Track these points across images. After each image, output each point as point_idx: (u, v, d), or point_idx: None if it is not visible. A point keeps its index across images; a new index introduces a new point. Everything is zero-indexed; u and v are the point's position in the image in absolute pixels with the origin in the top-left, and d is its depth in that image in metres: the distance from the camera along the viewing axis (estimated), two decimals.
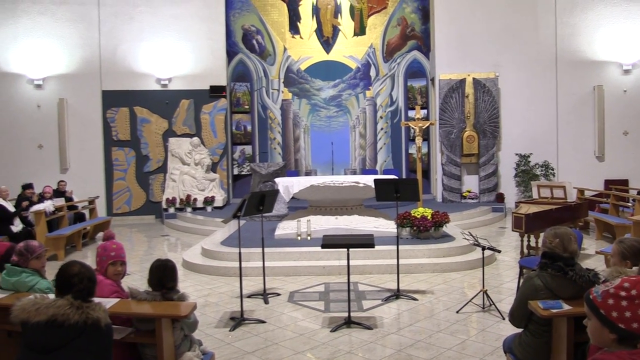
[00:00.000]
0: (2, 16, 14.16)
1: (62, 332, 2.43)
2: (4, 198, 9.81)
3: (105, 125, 14.70)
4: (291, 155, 16.21)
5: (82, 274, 2.66)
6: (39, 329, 2.45)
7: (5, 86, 14.24)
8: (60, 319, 2.43)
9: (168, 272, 3.64)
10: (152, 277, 3.63)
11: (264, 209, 6.12)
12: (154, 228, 13.29)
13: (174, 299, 3.56)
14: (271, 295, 6.47)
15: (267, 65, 16.04)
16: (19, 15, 14.23)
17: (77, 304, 2.50)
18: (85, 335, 2.46)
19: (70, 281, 2.62)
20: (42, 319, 2.45)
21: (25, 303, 2.52)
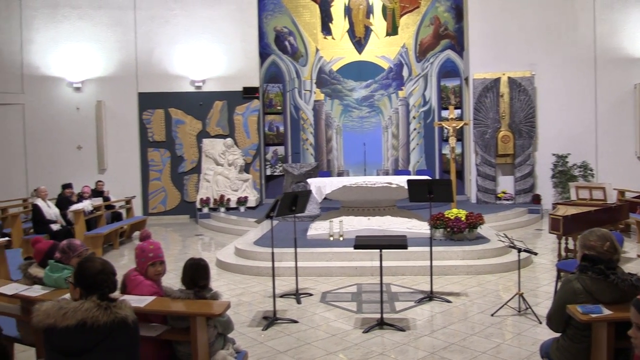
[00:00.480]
0: (43, 21, 14.62)
1: (92, 334, 2.44)
2: (43, 198, 10.11)
3: (141, 127, 15.01)
4: (323, 156, 16.23)
5: (106, 269, 2.64)
6: (68, 334, 2.43)
7: (46, 89, 14.68)
8: (90, 322, 2.43)
9: (200, 270, 3.68)
10: (185, 276, 3.68)
11: (297, 209, 6.13)
12: (188, 227, 13.49)
13: (207, 297, 3.60)
14: (303, 295, 6.48)
15: (299, 67, 16.10)
16: (59, 20, 14.66)
17: (104, 305, 2.49)
18: (114, 334, 2.48)
19: (95, 279, 2.59)
20: (70, 323, 2.42)
21: (49, 308, 2.48)
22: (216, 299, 3.61)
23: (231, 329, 3.73)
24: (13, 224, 9.86)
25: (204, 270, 3.69)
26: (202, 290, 3.62)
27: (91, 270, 2.61)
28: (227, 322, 3.65)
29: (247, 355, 3.95)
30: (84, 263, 2.70)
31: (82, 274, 2.62)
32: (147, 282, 3.70)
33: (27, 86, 14.59)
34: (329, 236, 8.65)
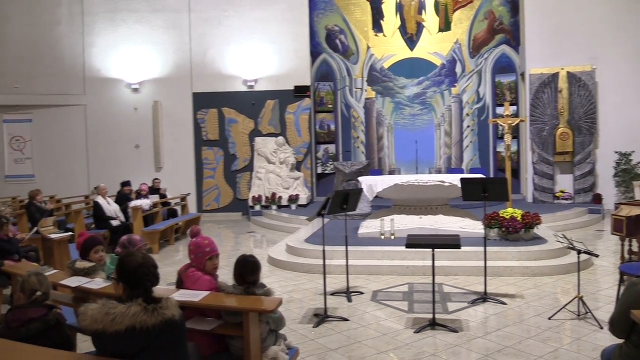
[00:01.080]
0: (104, 26, 15.21)
1: (142, 337, 2.46)
2: (103, 196, 10.51)
3: (196, 126, 15.39)
4: (375, 154, 16.14)
5: (147, 263, 2.65)
6: (119, 339, 2.45)
7: (106, 91, 15.28)
8: (139, 327, 2.44)
9: (248, 267, 3.70)
10: (235, 272, 3.74)
11: (348, 207, 6.12)
12: (240, 225, 13.73)
13: (257, 293, 3.63)
14: (354, 293, 6.47)
15: (350, 65, 16.07)
16: (118, 24, 15.22)
17: (150, 308, 2.48)
18: (163, 334, 2.51)
19: (138, 272, 2.59)
20: (120, 328, 2.43)
21: (95, 313, 2.47)
22: (269, 296, 3.65)
23: (283, 325, 3.75)
24: (76, 220, 10.33)
25: (252, 266, 3.71)
26: (253, 287, 3.66)
27: (132, 264, 2.62)
28: (279, 319, 3.68)
29: (298, 352, 3.98)
30: (124, 258, 2.71)
31: (124, 269, 2.63)
32: (207, 278, 3.78)
33: (88, 88, 15.24)
34: (380, 235, 8.59)
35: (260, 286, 3.70)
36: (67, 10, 15.20)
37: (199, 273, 3.78)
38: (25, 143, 15.28)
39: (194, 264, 3.85)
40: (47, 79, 15.05)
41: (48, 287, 3.37)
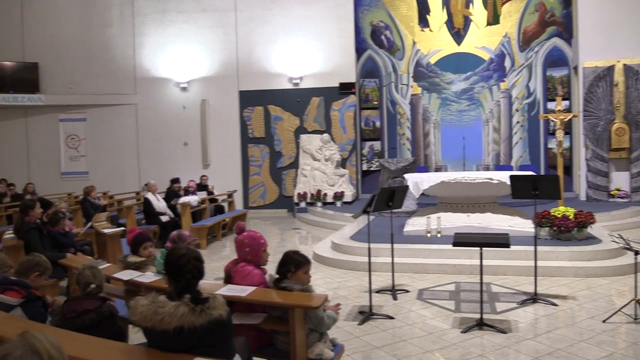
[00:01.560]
0: (153, 26, 15.61)
1: (190, 337, 2.50)
2: (153, 192, 10.81)
3: (242, 123, 15.60)
4: (420, 151, 15.95)
5: (189, 254, 2.70)
6: (167, 337, 2.51)
7: (155, 90, 15.69)
8: (187, 327, 2.48)
9: (283, 260, 3.74)
10: (279, 267, 3.76)
11: (394, 204, 6.07)
12: (286, 221, 13.84)
13: (295, 289, 3.61)
14: (400, 291, 6.42)
15: (395, 61, 15.92)
16: (166, 24, 15.59)
17: (198, 309, 2.51)
18: (211, 333, 2.55)
19: (179, 263, 2.65)
20: (168, 328, 2.48)
21: (144, 310, 2.53)
22: (308, 292, 3.64)
23: (323, 327, 3.62)
24: (127, 215, 10.68)
25: (286, 259, 3.72)
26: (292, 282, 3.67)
27: (174, 255, 2.70)
28: (320, 319, 3.62)
29: (343, 349, 3.98)
30: (169, 250, 2.79)
31: (167, 260, 2.73)
32: (257, 272, 3.82)
33: (139, 87, 15.69)
34: (426, 232, 8.48)
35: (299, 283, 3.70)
36: (118, 12, 15.68)
37: (249, 267, 3.81)
38: (80, 141, 15.88)
39: (249, 256, 3.86)
40: (100, 79, 15.59)
41: (101, 280, 3.48)
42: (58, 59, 15.51)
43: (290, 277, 3.64)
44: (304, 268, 3.69)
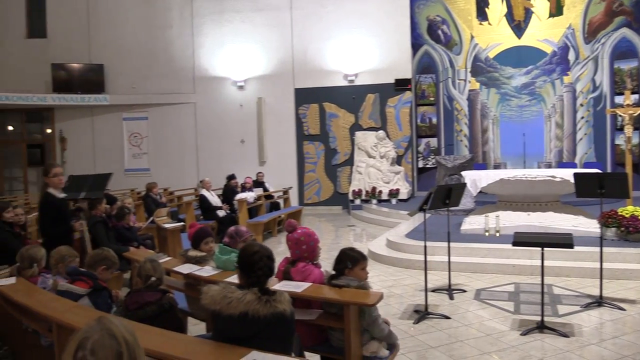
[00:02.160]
0: (211, 26, 15.97)
1: (252, 324, 2.60)
2: (207, 189, 11.07)
3: (298, 121, 15.73)
4: (478, 148, 15.58)
5: (262, 252, 2.80)
6: (232, 322, 2.62)
7: (213, 89, 16.06)
8: (251, 314, 2.58)
9: (345, 258, 3.73)
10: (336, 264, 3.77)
11: (451, 202, 5.95)
12: (340, 218, 13.85)
13: (352, 285, 3.60)
14: (456, 291, 6.29)
15: (453, 55, 15.61)
16: (223, 24, 15.91)
17: (264, 298, 2.62)
18: (272, 325, 2.62)
19: (251, 259, 2.76)
20: (234, 312, 2.60)
21: (215, 294, 2.67)
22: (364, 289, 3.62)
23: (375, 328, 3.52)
24: (187, 211, 10.98)
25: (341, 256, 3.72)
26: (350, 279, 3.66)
27: (248, 252, 2.82)
28: (374, 319, 3.57)
29: (398, 348, 3.94)
30: (244, 246, 2.94)
31: (240, 255, 2.86)
32: (318, 271, 3.85)
33: (198, 86, 16.11)
34: (485, 231, 8.28)
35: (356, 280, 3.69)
36: (178, 14, 16.14)
37: (310, 267, 3.84)
38: (142, 139, 16.47)
39: (305, 254, 3.88)
40: (160, 79, 16.10)
41: (161, 273, 3.60)
42: (122, 60, 16.13)
43: (348, 273, 3.64)
44: (361, 264, 3.69)
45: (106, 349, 1.39)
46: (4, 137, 16.98)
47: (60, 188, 5.12)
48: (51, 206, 5.00)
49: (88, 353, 1.38)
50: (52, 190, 5.02)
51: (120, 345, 1.42)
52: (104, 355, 1.38)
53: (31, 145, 17.16)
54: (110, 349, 1.40)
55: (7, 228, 5.85)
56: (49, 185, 5.01)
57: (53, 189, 5.02)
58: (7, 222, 5.89)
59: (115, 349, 1.40)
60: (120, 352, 1.41)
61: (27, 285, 4.03)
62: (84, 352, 1.38)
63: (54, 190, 5.03)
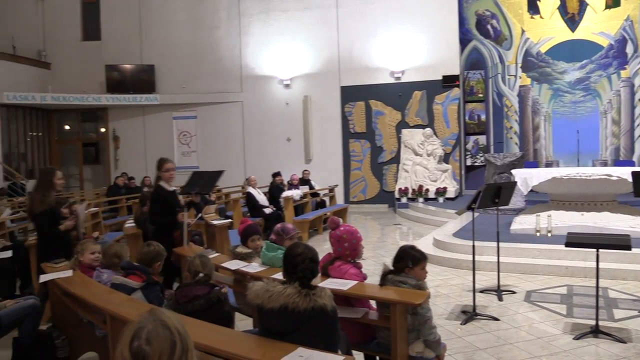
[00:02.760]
0: (257, 26, 16.15)
1: (293, 318, 2.63)
2: (253, 186, 11.20)
3: (344, 119, 15.72)
4: (529, 145, 15.16)
5: (305, 254, 2.83)
6: (273, 315, 2.68)
7: (259, 87, 16.24)
8: (291, 307, 2.62)
9: (406, 256, 3.70)
10: (395, 262, 3.73)
11: (500, 201, 5.82)
12: (386, 216, 13.76)
13: (411, 284, 3.58)
14: (506, 292, 6.14)
15: (502, 51, 15.23)
16: (270, 23, 16.06)
17: (304, 292, 2.66)
18: (313, 320, 2.64)
19: (293, 261, 2.80)
20: (274, 306, 2.65)
21: (258, 289, 2.75)
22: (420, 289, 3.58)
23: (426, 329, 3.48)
24: (234, 208, 11.16)
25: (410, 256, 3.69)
26: (409, 277, 3.63)
27: (292, 252, 2.87)
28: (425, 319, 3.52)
29: (445, 348, 3.88)
30: (290, 246, 2.98)
31: (285, 255, 2.91)
32: (353, 270, 3.83)
33: (245, 85, 16.34)
34: (535, 231, 8.05)
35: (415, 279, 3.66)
36: (225, 15, 16.40)
37: (346, 266, 3.83)
38: (191, 137, 16.84)
39: (347, 251, 3.88)
40: (209, 78, 16.42)
41: (210, 269, 3.66)
42: (171, 60, 16.54)
43: (408, 272, 3.64)
44: (421, 264, 3.70)
45: (160, 339, 1.44)
46: (62, 136, 17.71)
47: (171, 182, 5.53)
48: (160, 198, 5.40)
49: (143, 342, 1.42)
50: (163, 183, 5.45)
51: (174, 335, 1.46)
52: (158, 345, 1.43)
53: (86, 144, 17.85)
54: (165, 339, 1.44)
55: None
56: (161, 179, 5.42)
57: (164, 182, 5.44)
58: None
59: (169, 338, 1.45)
60: (174, 342, 1.45)
61: (84, 278, 4.19)
62: (139, 341, 1.43)
63: (164, 184, 5.45)
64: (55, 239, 5.10)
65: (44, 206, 5.04)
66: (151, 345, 1.42)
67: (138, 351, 1.42)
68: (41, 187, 5.12)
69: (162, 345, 1.43)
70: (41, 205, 5.04)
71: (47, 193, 5.07)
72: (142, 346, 1.42)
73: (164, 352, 1.43)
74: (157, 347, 1.43)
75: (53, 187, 5.12)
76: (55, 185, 5.15)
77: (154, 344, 1.43)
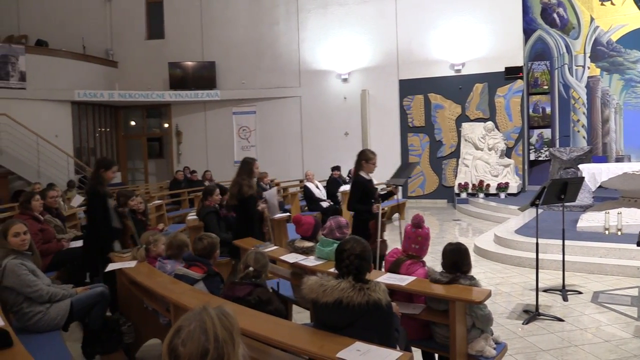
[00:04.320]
0: (315, 20, 16.19)
1: (348, 312, 2.64)
2: (311, 180, 11.27)
3: (402, 113, 15.54)
4: (598, 139, 14.47)
5: (351, 250, 2.82)
6: (327, 309, 2.70)
7: (317, 82, 16.29)
8: (345, 301, 2.63)
9: (462, 255, 3.63)
10: (446, 260, 3.66)
11: (566, 197, 5.59)
12: (445, 212, 13.53)
13: (464, 283, 3.52)
14: (571, 292, 5.90)
15: (569, 40, 14.59)
16: (328, 18, 16.07)
17: (358, 286, 2.67)
18: (368, 315, 2.63)
19: (340, 256, 2.84)
20: (329, 300, 2.67)
21: (312, 283, 2.77)
22: (477, 287, 3.51)
23: (488, 325, 3.51)
24: (292, 202, 11.28)
25: (465, 255, 3.63)
26: (462, 276, 3.56)
27: (340, 246, 2.89)
28: (486, 318, 3.45)
29: (506, 348, 3.77)
30: (341, 241, 2.99)
31: (337, 248, 2.93)
32: (422, 271, 3.81)
33: (303, 80, 16.43)
34: (604, 229, 7.69)
35: (470, 277, 3.58)
36: (284, 10, 16.54)
37: (416, 266, 3.83)
38: (250, 132, 17.13)
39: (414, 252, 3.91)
40: (267, 74, 16.63)
41: (263, 265, 3.64)
42: (232, 57, 16.86)
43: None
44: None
45: (194, 343, 1.41)
46: (128, 132, 18.44)
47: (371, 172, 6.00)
48: (359, 186, 5.82)
49: (180, 343, 1.41)
50: (363, 173, 5.93)
51: (209, 342, 1.41)
52: (190, 349, 1.40)
53: (150, 139, 18.51)
54: (198, 344, 1.41)
55: (131, 215, 6.36)
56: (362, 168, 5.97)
57: (363, 172, 5.94)
58: (131, 210, 6.41)
59: (202, 345, 1.41)
60: (207, 350, 1.41)
61: (149, 268, 4.36)
62: (178, 340, 1.41)
63: (364, 173, 5.93)
64: (255, 220, 6.03)
65: (251, 190, 5.94)
66: (185, 348, 1.40)
67: (173, 349, 1.41)
68: (245, 174, 6.00)
69: (193, 350, 1.40)
70: (249, 189, 5.92)
71: (249, 179, 5.98)
72: (177, 346, 1.41)
73: (193, 358, 1.39)
74: (188, 352, 1.39)
75: (253, 174, 6.04)
76: (254, 173, 6.07)
77: (187, 347, 1.40)
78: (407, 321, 3.55)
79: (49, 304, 3.92)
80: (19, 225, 4.09)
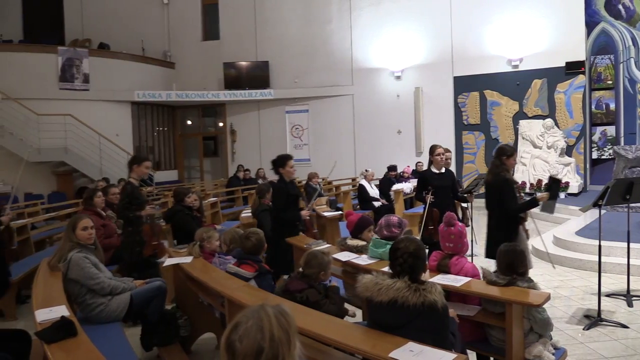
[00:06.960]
0: (368, 18, 16.11)
1: (403, 312, 2.61)
2: (369, 180, 11.22)
3: (456, 110, 15.25)
4: None
5: (405, 248, 2.80)
6: (382, 308, 2.68)
7: (370, 80, 16.22)
8: (400, 301, 2.61)
9: (517, 257, 3.53)
10: (501, 262, 3.57)
11: (632, 198, 5.33)
12: None
13: (521, 286, 3.41)
14: (636, 298, 5.62)
15: (636, 32, 13.91)
16: (381, 15, 15.95)
17: (414, 286, 2.64)
18: (423, 316, 2.60)
19: (394, 255, 2.82)
20: (384, 299, 2.66)
21: (367, 282, 2.77)
22: (534, 290, 3.40)
23: (548, 330, 3.40)
24: (344, 200, 11.28)
25: (520, 256, 3.54)
26: (520, 278, 3.46)
27: (394, 245, 2.89)
28: (545, 322, 3.34)
29: (566, 354, 3.63)
30: (396, 240, 2.97)
31: (391, 246, 2.92)
32: (470, 265, 3.76)
33: (355, 78, 16.39)
34: None
35: (527, 279, 3.48)
36: (336, 9, 16.54)
37: (463, 260, 3.78)
38: (303, 130, 17.24)
39: (451, 251, 3.86)
40: (320, 72, 16.68)
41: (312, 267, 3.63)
42: (285, 56, 17.01)
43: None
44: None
45: (250, 341, 1.42)
46: (184, 131, 18.95)
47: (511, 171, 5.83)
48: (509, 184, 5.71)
49: (237, 339, 1.43)
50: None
51: (264, 341, 1.43)
52: (246, 346, 1.42)
53: (206, 138, 18.96)
54: (254, 342, 1.42)
55: (187, 211, 6.54)
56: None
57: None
58: (187, 206, 6.58)
59: (258, 343, 1.42)
60: (262, 348, 1.42)
61: (204, 263, 4.46)
62: (235, 336, 1.44)
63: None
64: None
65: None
66: (241, 344, 1.42)
67: (230, 345, 1.43)
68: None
69: (248, 348, 1.42)
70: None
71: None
72: (235, 342, 1.43)
73: (248, 356, 1.41)
74: (244, 349, 1.42)
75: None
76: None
77: (243, 344, 1.42)
78: (460, 322, 3.48)
79: (110, 296, 4.08)
80: (87, 220, 4.29)
